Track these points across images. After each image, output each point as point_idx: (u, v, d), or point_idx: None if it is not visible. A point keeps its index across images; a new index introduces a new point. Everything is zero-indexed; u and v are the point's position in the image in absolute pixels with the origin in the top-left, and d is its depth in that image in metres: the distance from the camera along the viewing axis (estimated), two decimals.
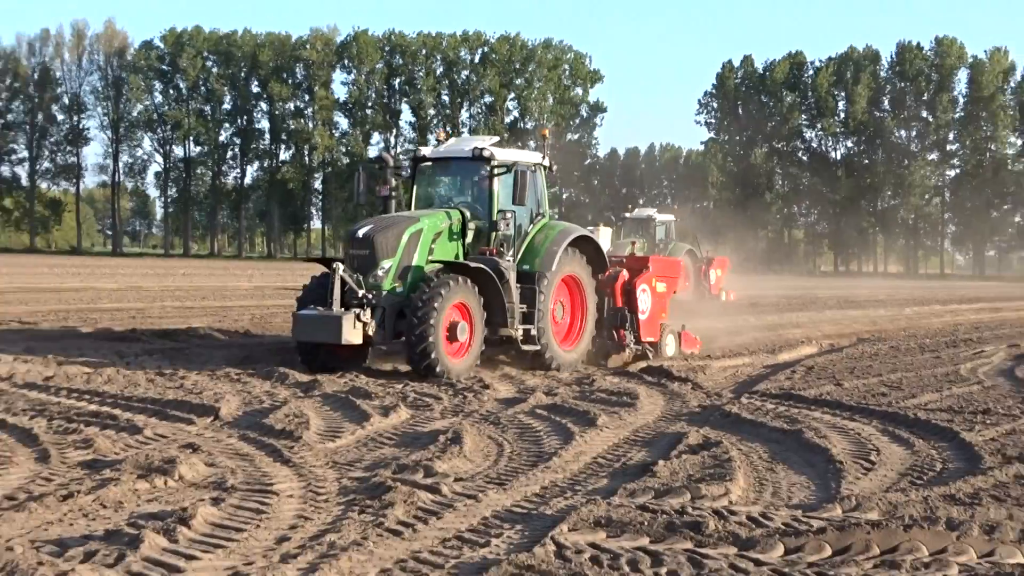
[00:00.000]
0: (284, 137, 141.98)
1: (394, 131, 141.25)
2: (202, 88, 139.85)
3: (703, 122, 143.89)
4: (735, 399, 15.73)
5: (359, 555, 7.55)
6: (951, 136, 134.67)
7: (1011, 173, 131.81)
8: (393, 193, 20.73)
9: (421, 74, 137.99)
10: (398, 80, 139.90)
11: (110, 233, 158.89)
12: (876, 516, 8.71)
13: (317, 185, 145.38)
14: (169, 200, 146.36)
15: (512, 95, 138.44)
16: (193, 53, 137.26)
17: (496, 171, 19.18)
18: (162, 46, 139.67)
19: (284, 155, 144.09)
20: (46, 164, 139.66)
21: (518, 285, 18.72)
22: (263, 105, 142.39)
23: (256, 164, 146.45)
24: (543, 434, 12.69)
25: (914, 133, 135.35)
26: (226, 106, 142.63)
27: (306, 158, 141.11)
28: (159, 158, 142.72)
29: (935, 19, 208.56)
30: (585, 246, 20.18)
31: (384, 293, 17.70)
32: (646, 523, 8.41)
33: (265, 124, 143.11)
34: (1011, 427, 13.46)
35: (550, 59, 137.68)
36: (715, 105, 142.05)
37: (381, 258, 17.83)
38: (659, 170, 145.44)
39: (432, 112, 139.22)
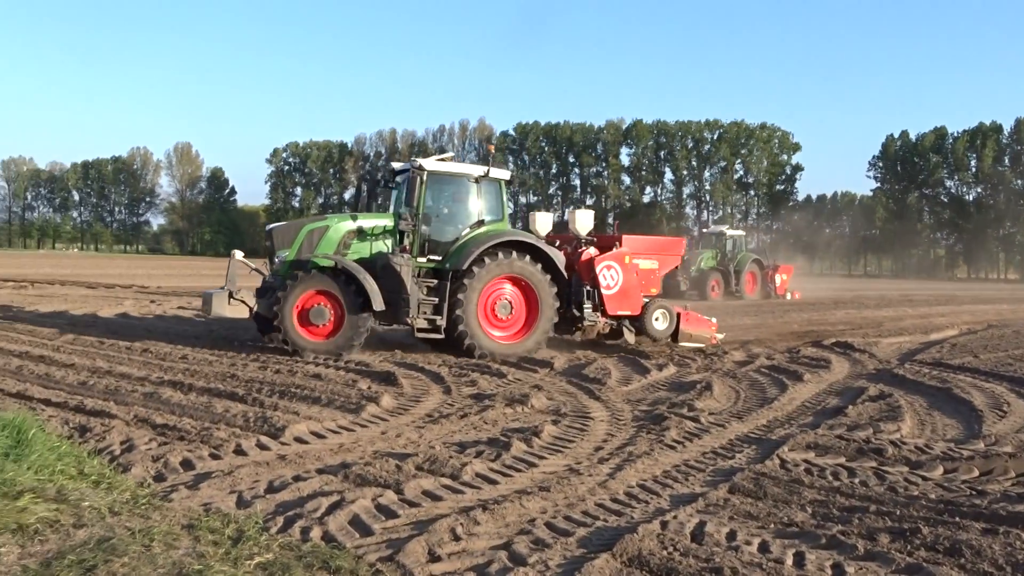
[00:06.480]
0: (589, 190, 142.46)
1: (660, 185, 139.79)
2: (538, 158, 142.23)
3: (872, 176, 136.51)
4: (900, 365, 14.80)
5: (648, 461, 7.51)
6: None
7: None
8: (374, 199, 17.86)
9: (678, 148, 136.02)
10: (663, 152, 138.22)
11: None
12: (1010, 449, 8.03)
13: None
14: None
15: (739, 160, 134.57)
16: (533, 138, 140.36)
17: (424, 180, 14.86)
18: (513, 133, 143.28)
19: (588, 201, 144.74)
20: None
21: (425, 280, 14.53)
22: (576, 170, 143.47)
23: (570, 207, 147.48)
24: (766, 385, 12.29)
25: None
26: (553, 170, 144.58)
27: (602, 203, 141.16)
28: (511, 205, 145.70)
29: None
30: (536, 251, 15.01)
31: (281, 277, 14.21)
32: (842, 448, 8.04)
33: (577, 182, 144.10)
34: None
35: (764, 136, 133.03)
36: (880, 165, 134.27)
37: (278, 248, 14.51)
38: (841, 210, 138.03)
39: (684, 173, 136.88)
